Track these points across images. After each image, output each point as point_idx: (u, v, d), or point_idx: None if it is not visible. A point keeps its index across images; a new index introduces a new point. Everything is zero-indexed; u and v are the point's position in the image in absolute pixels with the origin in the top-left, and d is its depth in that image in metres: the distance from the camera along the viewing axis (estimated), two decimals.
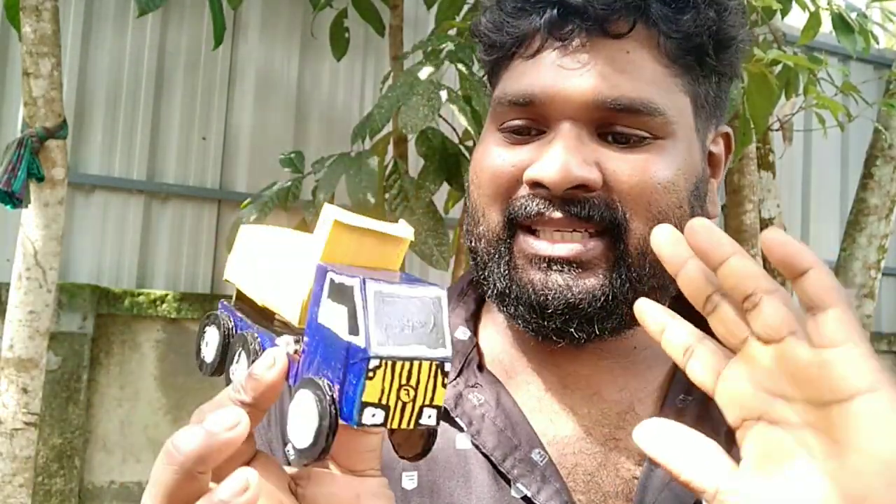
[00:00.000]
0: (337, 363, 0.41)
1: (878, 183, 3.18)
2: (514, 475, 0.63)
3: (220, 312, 0.50)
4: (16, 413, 1.95)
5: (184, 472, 0.41)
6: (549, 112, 0.64)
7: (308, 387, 0.41)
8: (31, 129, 1.94)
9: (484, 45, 0.69)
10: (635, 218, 0.63)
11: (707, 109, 0.69)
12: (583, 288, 0.62)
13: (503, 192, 0.65)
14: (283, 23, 3.04)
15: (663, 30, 0.64)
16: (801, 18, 2.41)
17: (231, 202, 2.91)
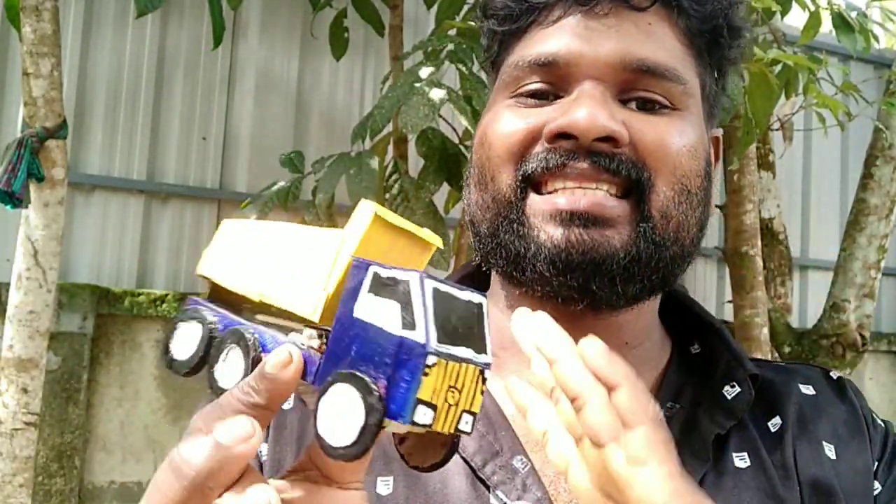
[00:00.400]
0: (383, 359, 0.39)
1: (878, 183, 3.18)
2: (493, 482, 0.61)
3: (198, 308, 0.47)
4: (16, 413, 1.95)
5: (193, 489, 0.39)
6: (574, 72, 0.62)
7: (349, 381, 0.39)
8: (31, 129, 1.93)
9: (498, 17, 0.68)
10: (660, 179, 0.62)
11: (708, 103, 0.69)
12: (607, 243, 0.60)
13: (517, 152, 0.63)
14: (282, 23, 3.04)
15: (683, 7, 0.64)
16: (801, 18, 2.41)
17: (231, 202, 2.90)
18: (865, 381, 3.95)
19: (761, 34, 2.97)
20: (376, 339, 0.40)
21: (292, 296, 0.44)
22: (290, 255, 0.45)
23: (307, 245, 0.45)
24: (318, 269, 0.43)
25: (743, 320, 2.88)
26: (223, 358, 0.44)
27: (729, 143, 2.89)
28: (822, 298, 3.34)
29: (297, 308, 0.43)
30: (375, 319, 0.40)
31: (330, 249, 0.43)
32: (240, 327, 0.45)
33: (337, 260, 0.43)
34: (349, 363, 0.40)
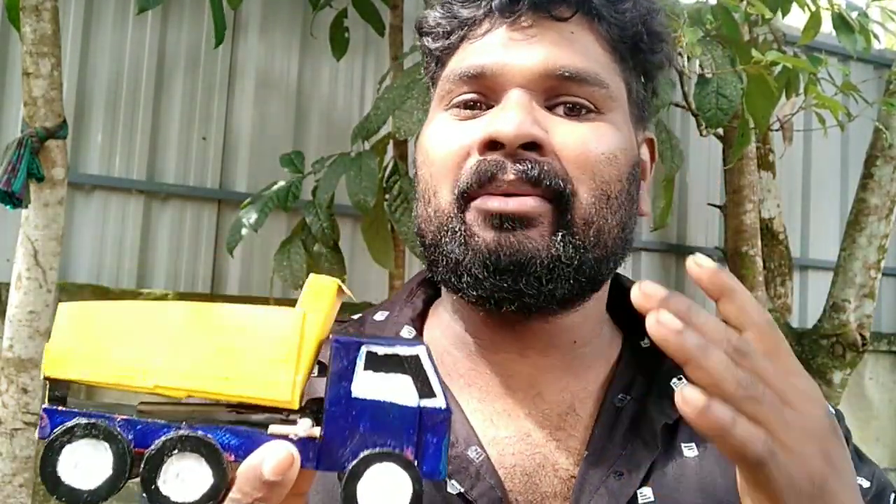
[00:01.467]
0: (403, 429, 0.42)
1: (878, 183, 3.18)
2: (448, 471, 0.64)
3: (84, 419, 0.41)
4: (16, 413, 1.95)
5: None
6: (500, 81, 0.66)
7: (386, 459, 0.41)
8: (31, 129, 1.93)
9: (431, 35, 0.72)
10: (581, 186, 0.65)
11: (637, 107, 0.72)
12: (530, 244, 0.64)
13: (454, 167, 0.66)
14: (283, 23, 3.04)
15: (603, 16, 0.68)
16: (801, 18, 2.41)
17: (231, 202, 2.91)
18: (865, 381, 3.95)
19: (761, 34, 2.97)
20: (390, 412, 0.42)
21: (249, 385, 0.41)
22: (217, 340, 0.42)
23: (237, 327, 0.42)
24: (278, 352, 0.41)
25: None
26: (165, 471, 0.41)
27: (729, 143, 2.89)
28: (822, 298, 3.34)
29: (264, 397, 0.42)
30: (384, 395, 0.42)
31: (286, 329, 0.42)
32: (182, 432, 0.42)
33: (304, 341, 0.42)
34: (359, 441, 0.42)
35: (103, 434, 0.41)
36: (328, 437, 0.42)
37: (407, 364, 0.42)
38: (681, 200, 3.63)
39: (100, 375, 0.42)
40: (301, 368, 0.42)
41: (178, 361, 0.42)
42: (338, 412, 0.42)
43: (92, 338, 0.42)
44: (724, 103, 1.61)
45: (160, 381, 0.42)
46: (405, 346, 0.42)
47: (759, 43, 2.79)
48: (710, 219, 3.67)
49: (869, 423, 3.93)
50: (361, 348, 0.42)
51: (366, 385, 0.42)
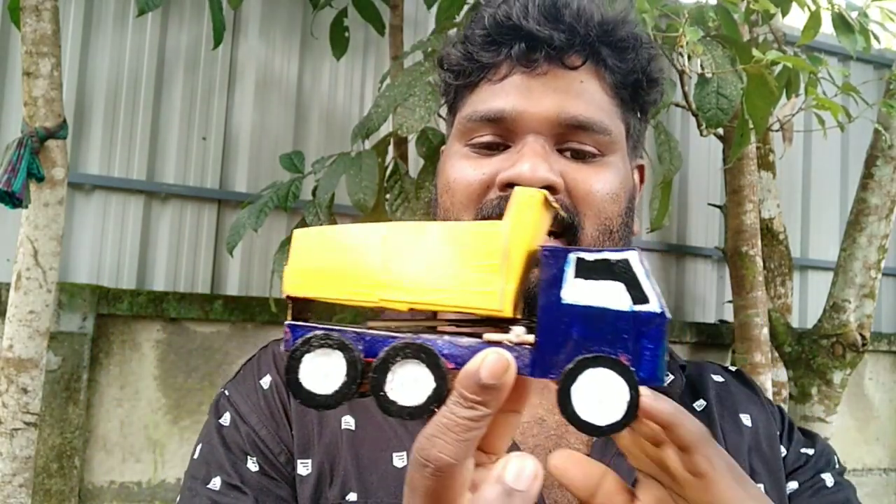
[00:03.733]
0: (619, 335, 0.41)
1: (878, 183, 3.18)
2: None
3: (322, 333, 0.44)
4: (16, 413, 1.95)
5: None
6: (518, 126, 0.75)
7: (600, 364, 0.41)
8: (31, 129, 1.93)
9: (453, 73, 0.80)
10: (587, 222, 0.74)
11: (633, 140, 0.82)
12: None
13: (475, 198, 0.75)
14: (282, 23, 3.04)
15: (609, 65, 0.77)
16: (801, 18, 2.40)
17: (231, 202, 2.91)
18: (865, 381, 3.95)
19: (761, 34, 2.97)
20: (602, 318, 0.42)
21: (464, 295, 0.43)
22: (432, 255, 0.44)
23: (450, 241, 0.44)
24: (488, 262, 0.43)
25: (743, 320, 2.88)
26: (391, 378, 0.43)
27: (729, 143, 2.89)
28: (822, 298, 3.34)
29: (477, 306, 0.43)
30: (595, 301, 0.42)
31: (494, 241, 0.43)
32: (405, 340, 0.44)
33: (514, 250, 0.43)
34: (573, 347, 0.42)
35: (337, 344, 0.44)
36: (542, 344, 0.42)
37: (617, 269, 0.42)
38: (681, 200, 3.63)
39: (333, 292, 0.45)
40: (511, 278, 0.43)
41: (400, 277, 0.44)
42: (550, 319, 0.42)
43: (324, 259, 0.45)
44: (724, 103, 1.61)
45: (384, 296, 0.44)
46: (614, 251, 0.42)
47: (758, 43, 2.79)
48: (710, 219, 3.67)
49: (869, 423, 3.93)
50: (570, 255, 0.42)
51: (576, 291, 0.42)
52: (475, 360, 0.42)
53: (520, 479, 0.42)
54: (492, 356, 0.42)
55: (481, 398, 0.42)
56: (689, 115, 3.12)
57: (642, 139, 0.86)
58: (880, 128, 2.81)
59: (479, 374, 0.42)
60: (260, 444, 0.76)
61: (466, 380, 0.42)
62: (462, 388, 0.42)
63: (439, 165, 0.81)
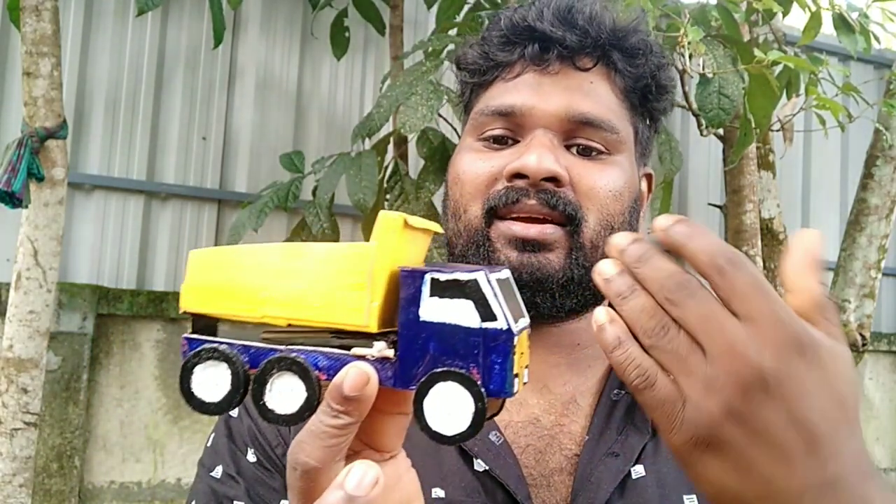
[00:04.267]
0: (469, 350, 0.45)
1: (878, 183, 3.17)
2: (474, 452, 0.74)
3: (209, 346, 0.48)
4: (16, 413, 1.95)
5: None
6: (527, 121, 0.77)
7: (448, 378, 0.45)
8: (31, 129, 1.93)
9: (469, 71, 0.83)
10: (590, 216, 0.76)
11: (641, 146, 0.83)
12: (549, 266, 0.75)
13: (483, 189, 0.77)
14: (282, 22, 3.04)
15: (619, 69, 0.79)
16: (801, 19, 2.40)
17: (231, 202, 2.90)
18: (865, 381, 3.95)
19: (762, 34, 2.97)
20: (455, 335, 0.45)
21: (335, 312, 0.47)
22: (310, 274, 0.47)
23: (326, 261, 0.47)
24: (357, 282, 0.46)
25: None
26: (269, 388, 0.47)
27: (729, 143, 2.89)
28: None
29: (347, 322, 0.46)
30: (449, 318, 0.45)
31: (362, 262, 0.46)
32: (281, 353, 0.47)
33: (378, 271, 0.46)
34: (430, 361, 0.45)
35: (223, 356, 0.48)
36: (402, 358, 0.46)
37: (467, 288, 0.45)
38: (681, 200, 3.63)
39: (222, 308, 0.49)
40: (376, 296, 0.46)
41: (279, 294, 0.47)
42: (409, 335, 0.46)
43: (215, 277, 0.49)
44: (725, 103, 1.61)
45: (267, 312, 0.48)
46: (465, 272, 0.45)
47: (759, 43, 2.79)
48: (710, 219, 3.67)
49: (869, 423, 3.93)
50: (426, 276, 0.46)
51: (432, 309, 0.45)
52: (340, 373, 0.45)
53: (360, 487, 0.45)
54: (352, 371, 0.45)
55: (345, 408, 0.45)
56: (689, 115, 3.12)
57: (651, 147, 0.87)
58: (881, 127, 2.81)
59: (343, 387, 0.45)
60: (259, 437, 0.78)
61: (332, 391, 0.45)
62: (329, 398, 0.45)
63: (451, 160, 0.84)
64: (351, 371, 0.45)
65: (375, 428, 0.50)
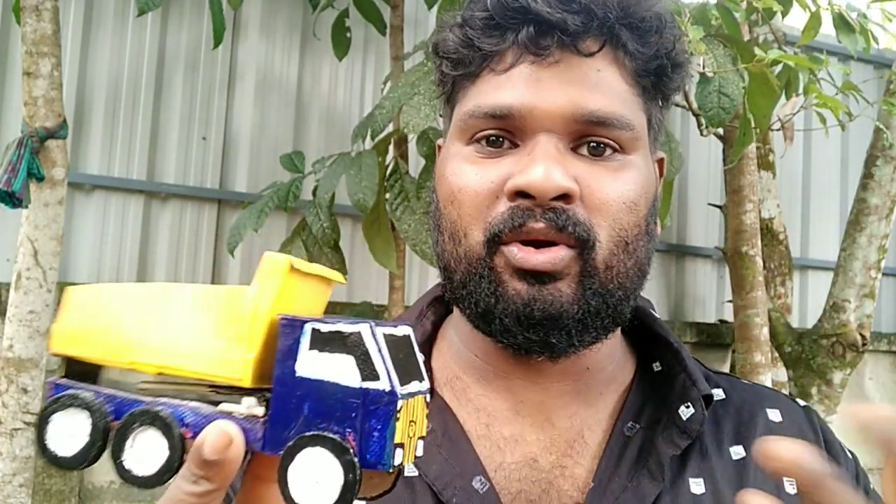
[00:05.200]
0: (347, 413, 0.39)
1: (878, 183, 3.18)
2: (453, 503, 0.64)
3: (73, 392, 0.43)
4: (16, 413, 1.95)
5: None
6: (527, 124, 0.65)
7: (318, 443, 0.39)
8: (31, 129, 1.93)
9: (450, 61, 0.69)
10: (602, 233, 0.65)
11: (654, 132, 0.72)
12: (560, 298, 0.64)
13: (484, 210, 0.65)
14: (283, 23, 3.04)
15: (630, 50, 0.67)
16: (801, 18, 2.41)
17: (231, 202, 2.90)
18: (865, 381, 3.95)
19: (762, 34, 2.97)
20: (333, 394, 0.39)
21: (207, 362, 0.42)
22: (184, 319, 0.43)
23: (202, 305, 0.42)
24: (232, 330, 0.41)
25: (743, 320, 2.88)
26: (131, 444, 0.42)
27: (729, 143, 2.89)
28: (822, 298, 3.34)
29: (219, 374, 0.42)
30: (327, 375, 0.40)
31: (239, 308, 0.42)
32: (145, 406, 0.42)
33: (255, 319, 0.41)
34: (304, 423, 0.40)
35: (82, 404, 0.43)
36: (274, 417, 0.40)
37: (349, 342, 0.40)
38: (681, 200, 3.63)
39: (92, 352, 0.44)
40: (253, 346, 0.41)
41: (149, 339, 0.43)
42: (283, 392, 0.40)
43: (87, 318, 0.45)
44: (725, 102, 1.61)
45: (136, 358, 0.43)
46: (348, 323, 0.40)
47: (759, 43, 2.79)
48: (710, 219, 3.67)
49: None
50: (306, 326, 0.40)
51: (310, 364, 0.40)
52: (202, 433, 0.40)
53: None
54: (213, 431, 0.40)
55: (205, 473, 0.39)
56: (689, 115, 3.11)
57: (662, 129, 0.76)
58: (881, 126, 2.81)
59: (202, 449, 0.39)
60: None
61: (192, 454, 0.40)
62: (190, 461, 0.40)
63: (437, 167, 0.72)
64: (211, 431, 0.39)
65: (255, 497, 0.43)
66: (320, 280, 0.46)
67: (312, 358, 0.40)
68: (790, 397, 0.79)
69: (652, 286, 3.56)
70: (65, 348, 0.45)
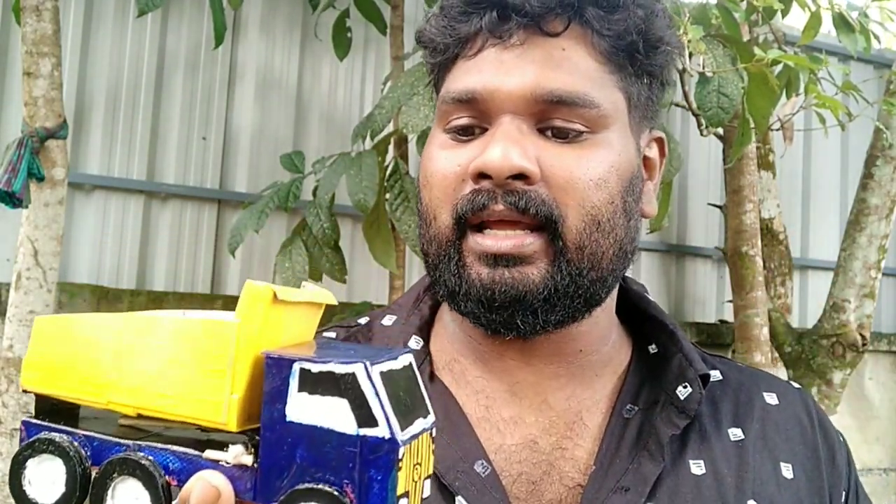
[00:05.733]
0: (343, 462, 0.36)
1: (878, 183, 3.18)
2: (455, 487, 0.64)
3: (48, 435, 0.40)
4: (16, 413, 1.95)
5: None
6: (491, 107, 0.65)
7: (313, 498, 0.36)
8: (32, 129, 1.93)
9: (429, 49, 0.71)
10: (569, 213, 0.64)
11: (640, 110, 0.71)
12: (526, 281, 0.64)
13: (451, 192, 0.67)
14: (283, 22, 3.04)
15: (596, 28, 0.66)
16: (801, 18, 2.40)
17: (231, 202, 2.90)
18: (865, 381, 3.95)
19: (762, 34, 2.97)
20: (327, 441, 0.36)
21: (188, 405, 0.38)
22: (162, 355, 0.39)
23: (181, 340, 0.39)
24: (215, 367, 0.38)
25: (743, 320, 2.88)
26: (111, 494, 0.39)
27: (729, 143, 2.89)
28: (822, 298, 3.34)
29: (202, 417, 0.38)
30: (320, 420, 0.37)
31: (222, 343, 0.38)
32: (125, 453, 0.39)
33: (238, 356, 0.38)
34: (297, 472, 0.37)
35: (58, 451, 0.39)
36: (264, 466, 0.37)
37: (343, 384, 0.36)
38: (681, 200, 3.63)
39: (65, 390, 0.41)
40: (238, 387, 0.38)
41: (126, 378, 0.40)
42: (272, 437, 0.37)
43: (59, 352, 0.41)
44: (725, 102, 1.61)
45: (112, 398, 0.40)
46: (341, 362, 0.37)
47: (759, 43, 2.79)
48: (710, 219, 3.67)
49: (869, 423, 3.93)
50: (294, 365, 0.37)
51: (301, 407, 0.37)
52: (186, 485, 0.37)
53: None
54: (199, 485, 0.37)
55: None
56: (689, 115, 3.12)
57: (656, 107, 0.74)
58: (881, 126, 2.81)
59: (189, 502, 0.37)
60: None
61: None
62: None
63: (423, 152, 0.74)
64: (197, 485, 0.37)
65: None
66: (309, 305, 0.43)
67: (303, 401, 0.37)
68: (786, 381, 0.80)
69: (652, 286, 3.56)
70: (37, 385, 0.42)
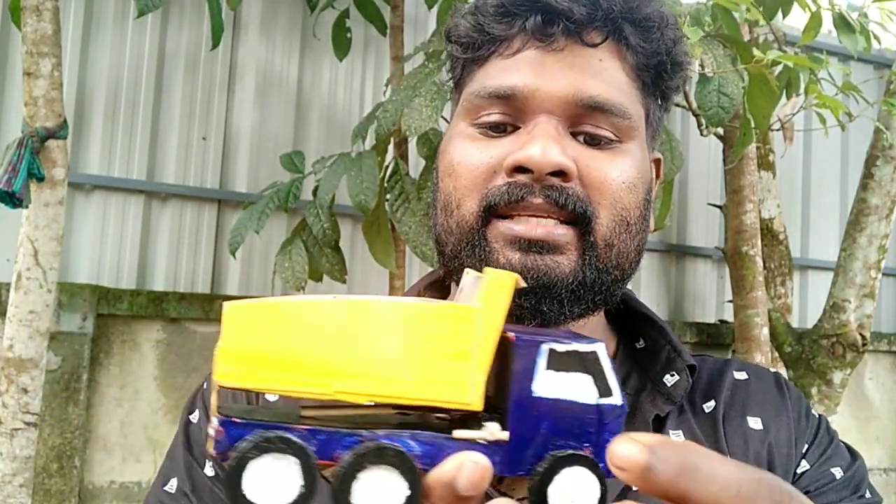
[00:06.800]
0: (584, 428, 0.41)
1: (878, 183, 3.18)
2: None
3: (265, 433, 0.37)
4: (16, 413, 1.95)
5: None
6: (529, 105, 0.68)
7: (576, 463, 0.40)
8: (32, 129, 1.93)
9: (461, 45, 0.73)
10: (602, 211, 0.68)
11: (652, 128, 0.76)
12: (558, 270, 0.66)
13: (480, 183, 0.68)
14: (282, 23, 3.04)
15: (632, 44, 0.70)
16: (801, 19, 2.40)
17: (231, 202, 2.90)
18: (865, 381, 3.95)
19: (762, 34, 2.97)
20: (570, 411, 0.41)
21: (429, 387, 0.39)
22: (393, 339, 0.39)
23: (412, 324, 0.39)
24: (456, 349, 0.39)
25: (743, 320, 2.88)
26: (356, 486, 0.37)
27: (729, 143, 2.89)
28: (822, 298, 3.34)
29: (444, 399, 0.39)
30: (564, 394, 0.41)
31: (464, 327, 0.40)
32: (367, 440, 0.38)
33: (486, 339, 0.40)
34: (542, 442, 0.41)
35: (292, 449, 0.37)
36: (515, 440, 0.41)
37: (586, 361, 0.41)
38: (681, 200, 3.63)
39: (277, 383, 0.38)
40: (481, 367, 0.40)
41: (357, 364, 0.38)
42: (522, 413, 0.41)
43: (265, 341, 0.38)
44: (725, 102, 1.61)
45: (341, 387, 0.38)
46: (583, 342, 0.42)
47: (759, 43, 2.79)
48: (710, 219, 3.67)
49: (869, 423, 3.93)
50: (542, 346, 0.41)
51: (547, 384, 0.41)
52: (448, 465, 0.38)
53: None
54: (469, 464, 0.38)
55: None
56: (689, 115, 3.12)
57: (660, 129, 0.79)
58: (881, 126, 2.81)
59: (457, 484, 0.37)
60: None
61: (442, 488, 0.37)
62: (436, 496, 0.37)
63: (441, 145, 0.75)
64: (467, 464, 0.37)
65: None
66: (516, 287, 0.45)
67: (549, 377, 0.41)
68: (760, 367, 0.84)
69: (652, 286, 3.56)
70: (238, 380, 0.38)
